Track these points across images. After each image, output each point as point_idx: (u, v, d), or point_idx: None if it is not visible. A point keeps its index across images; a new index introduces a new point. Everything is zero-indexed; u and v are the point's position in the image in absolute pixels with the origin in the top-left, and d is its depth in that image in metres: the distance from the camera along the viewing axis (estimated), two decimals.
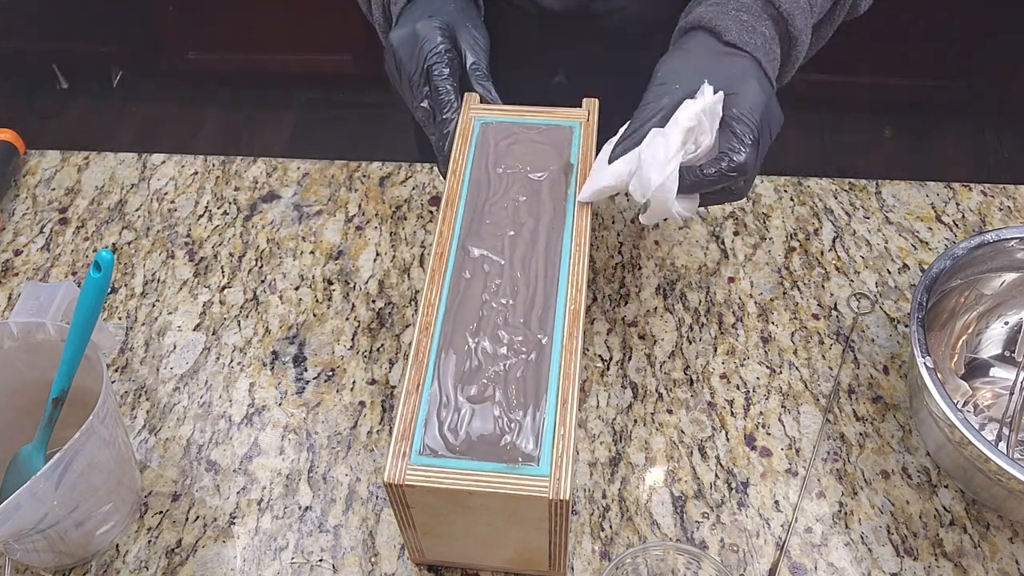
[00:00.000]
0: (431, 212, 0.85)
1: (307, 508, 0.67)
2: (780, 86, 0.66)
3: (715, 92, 0.58)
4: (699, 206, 0.61)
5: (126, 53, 2.17)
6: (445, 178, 0.65)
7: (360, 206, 0.86)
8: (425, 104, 0.66)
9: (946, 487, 0.66)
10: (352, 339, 0.76)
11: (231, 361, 0.75)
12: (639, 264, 0.79)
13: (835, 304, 0.76)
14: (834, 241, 0.81)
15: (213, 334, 0.77)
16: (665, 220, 0.79)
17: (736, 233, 0.81)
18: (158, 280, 0.81)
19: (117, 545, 0.66)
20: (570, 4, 0.77)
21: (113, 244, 0.85)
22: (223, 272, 0.82)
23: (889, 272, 0.78)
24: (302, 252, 0.83)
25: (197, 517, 0.67)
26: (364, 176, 0.88)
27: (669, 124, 0.58)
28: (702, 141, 0.57)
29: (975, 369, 0.72)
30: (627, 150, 0.60)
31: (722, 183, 0.58)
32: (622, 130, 0.62)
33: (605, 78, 0.67)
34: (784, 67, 0.65)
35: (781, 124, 0.61)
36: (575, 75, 0.84)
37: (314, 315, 0.78)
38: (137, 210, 0.87)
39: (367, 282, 0.80)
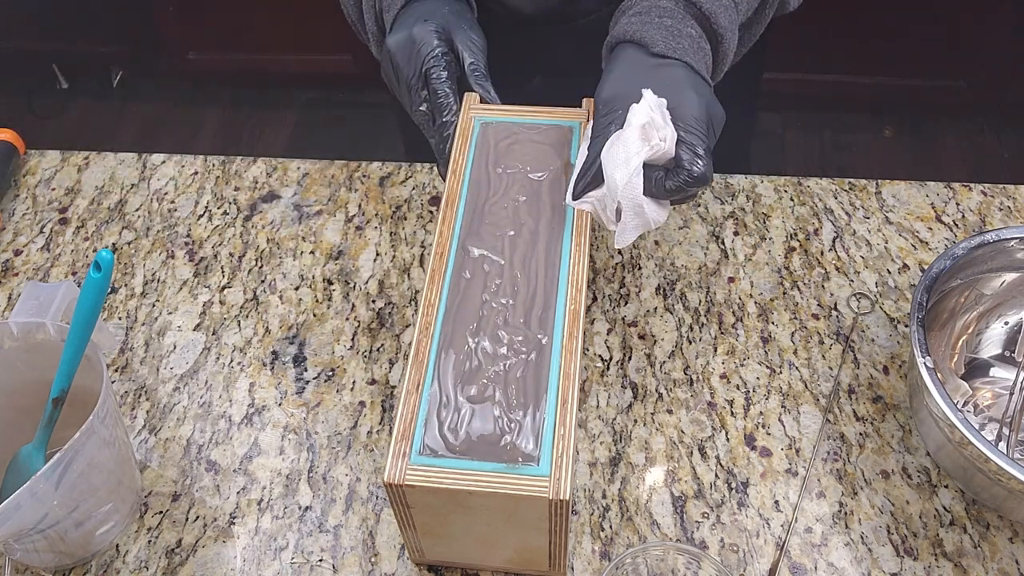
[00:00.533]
0: (431, 212, 0.85)
1: (307, 508, 0.67)
2: (715, 83, 0.66)
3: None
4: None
5: (126, 53, 2.17)
6: (445, 180, 0.65)
7: (360, 206, 0.86)
8: (424, 108, 0.67)
9: (946, 487, 0.66)
10: (352, 339, 0.76)
11: (231, 361, 0.75)
12: (639, 264, 0.79)
13: (835, 304, 0.76)
14: (834, 241, 0.81)
15: (213, 334, 0.77)
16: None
17: (736, 233, 0.81)
18: (158, 280, 0.81)
19: (117, 545, 0.66)
20: (542, 7, 0.77)
21: (113, 244, 0.85)
22: (223, 272, 0.82)
23: (889, 272, 0.78)
24: (302, 252, 0.83)
25: (197, 517, 0.67)
26: (364, 176, 0.88)
27: (624, 127, 0.58)
28: (665, 134, 0.57)
29: (975, 369, 0.72)
30: (589, 186, 0.61)
31: (684, 193, 0.59)
32: (579, 164, 0.62)
33: (583, 80, 0.67)
34: (715, 64, 0.66)
35: (723, 121, 0.61)
36: (553, 78, 0.84)
37: (314, 315, 0.78)
38: (137, 210, 0.87)
39: (367, 282, 0.80)
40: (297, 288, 0.80)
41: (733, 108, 0.64)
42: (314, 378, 0.74)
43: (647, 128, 0.57)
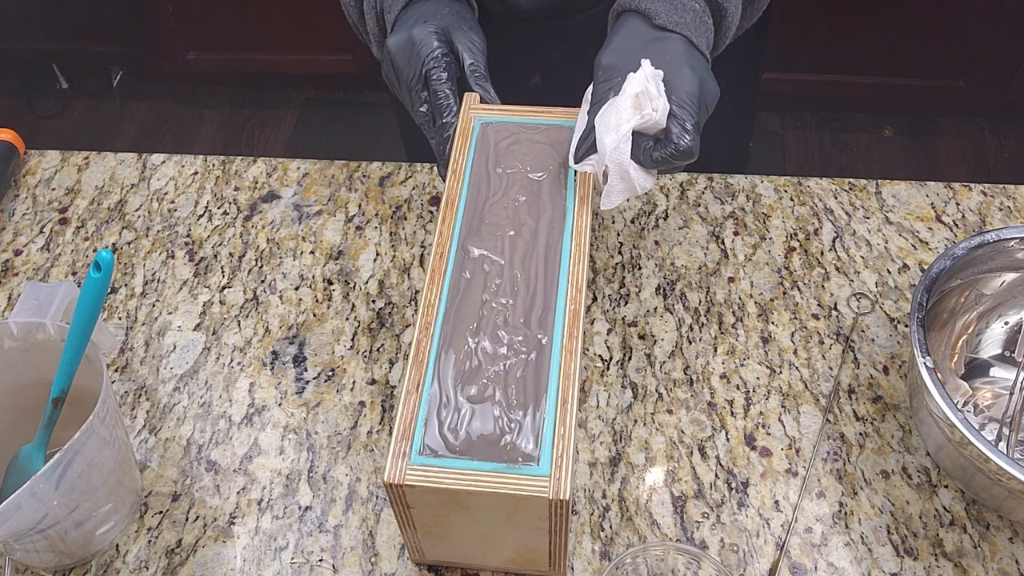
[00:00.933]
0: (431, 212, 0.85)
1: (307, 508, 0.67)
2: (716, 54, 0.67)
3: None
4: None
5: (126, 53, 2.18)
6: (445, 180, 0.65)
7: (360, 206, 0.86)
8: (424, 108, 0.67)
9: (946, 487, 0.66)
10: (352, 339, 0.76)
11: (231, 361, 0.75)
12: (639, 264, 0.79)
13: (835, 304, 0.76)
14: (834, 241, 0.81)
15: (213, 334, 0.77)
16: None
17: (736, 233, 0.81)
18: (158, 280, 0.81)
19: (117, 545, 0.66)
20: (542, 3, 0.78)
21: (113, 244, 0.85)
22: (223, 272, 0.82)
23: (889, 272, 0.78)
24: (302, 252, 0.83)
25: (197, 517, 0.67)
26: (364, 176, 0.88)
27: (619, 95, 0.60)
28: (657, 105, 0.59)
29: (975, 369, 0.72)
30: (589, 151, 0.62)
31: (670, 164, 0.60)
32: (579, 129, 0.64)
33: (582, 78, 0.68)
34: (717, 37, 0.67)
35: (717, 97, 0.62)
36: (552, 76, 0.84)
37: (314, 315, 0.78)
38: (137, 210, 0.87)
39: (367, 282, 0.80)
40: (297, 288, 0.80)
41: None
42: (314, 378, 0.74)
43: (640, 97, 0.59)
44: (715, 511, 0.65)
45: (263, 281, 0.81)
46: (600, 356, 0.74)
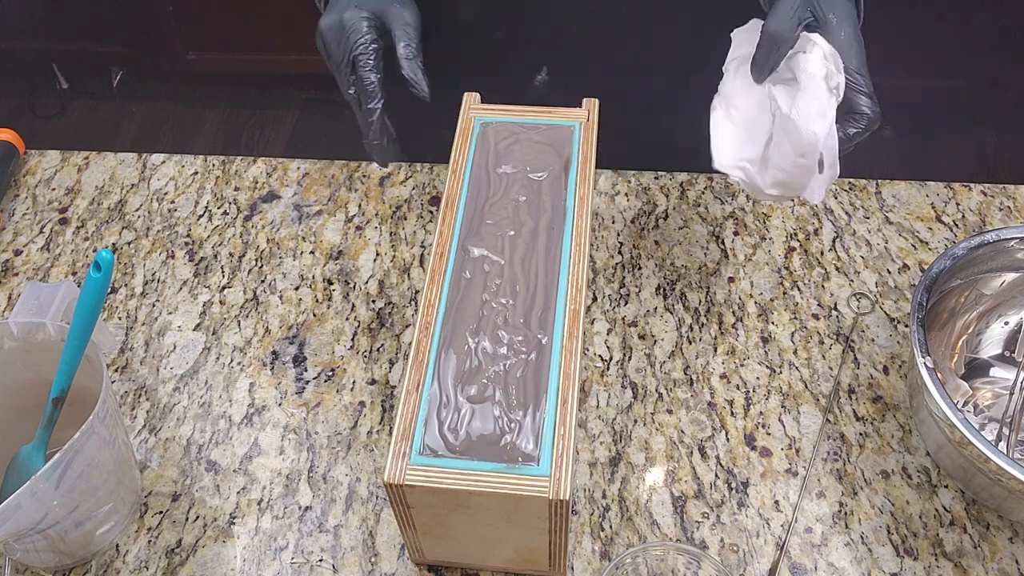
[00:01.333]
0: (431, 212, 0.85)
1: (307, 508, 0.67)
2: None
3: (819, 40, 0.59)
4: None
5: (126, 53, 2.17)
6: (381, 165, 0.64)
7: (360, 206, 0.86)
8: (352, 91, 0.67)
9: (946, 487, 0.66)
10: (352, 339, 0.76)
11: (231, 361, 0.75)
12: (639, 264, 0.79)
13: (835, 304, 0.76)
14: (834, 241, 0.81)
15: (213, 334, 0.77)
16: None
17: (736, 233, 0.81)
18: (158, 280, 0.81)
19: (117, 545, 0.66)
20: None
21: (113, 244, 0.85)
22: (223, 272, 0.82)
23: (889, 272, 0.78)
24: (302, 252, 0.83)
25: (197, 517, 0.67)
26: (364, 176, 0.88)
27: (802, 81, 0.59)
28: (839, 81, 0.58)
29: (975, 369, 0.72)
30: (773, 65, 0.60)
31: (861, 139, 0.59)
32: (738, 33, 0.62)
33: (588, 74, 0.67)
34: None
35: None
36: (557, 72, 0.84)
37: (314, 315, 0.78)
38: (137, 210, 0.87)
39: (367, 282, 0.80)
40: (297, 288, 0.80)
41: None
42: (314, 378, 0.74)
43: (828, 79, 0.58)
44: (715, 511, 0.65)
45: (263, 281, 0.81)
46: (600, 356, 0.74)
